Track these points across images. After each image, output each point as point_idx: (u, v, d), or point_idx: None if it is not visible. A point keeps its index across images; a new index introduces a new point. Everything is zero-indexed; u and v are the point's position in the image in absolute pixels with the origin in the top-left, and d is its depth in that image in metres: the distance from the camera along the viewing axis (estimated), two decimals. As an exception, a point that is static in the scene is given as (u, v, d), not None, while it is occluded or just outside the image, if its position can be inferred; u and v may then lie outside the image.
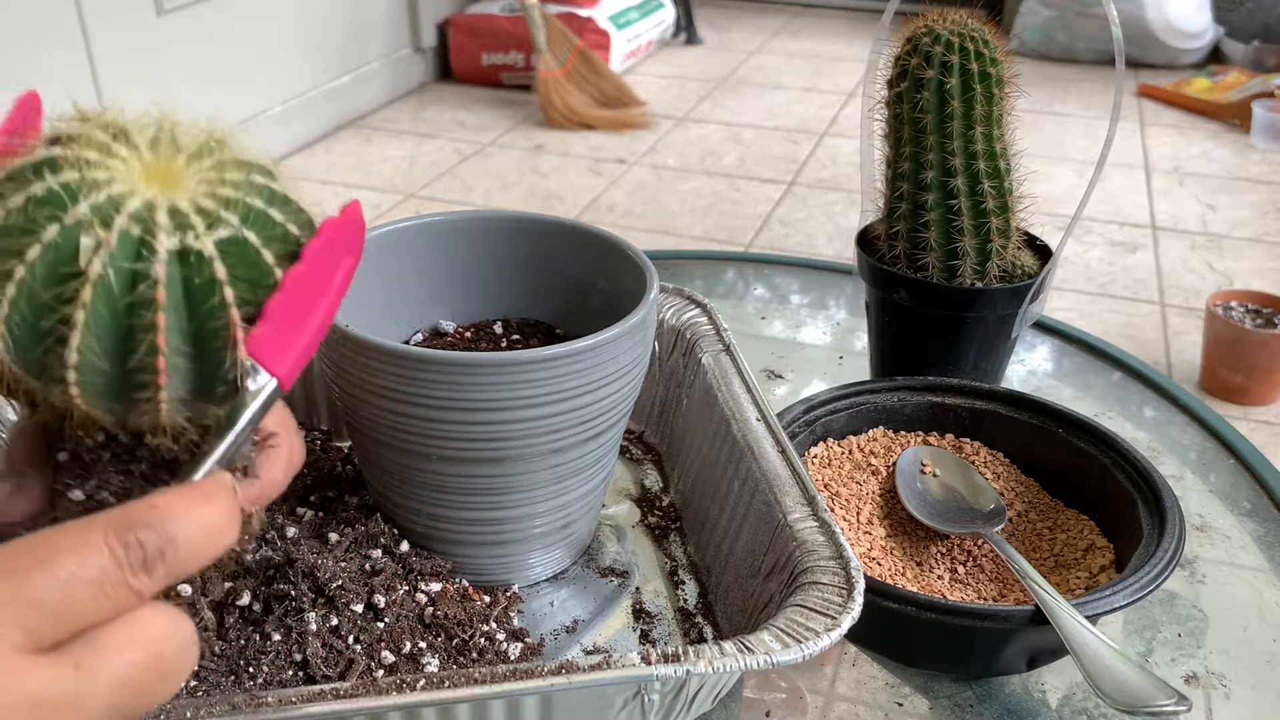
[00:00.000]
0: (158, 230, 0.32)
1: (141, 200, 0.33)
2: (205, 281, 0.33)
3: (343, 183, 2.51)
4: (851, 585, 0.44)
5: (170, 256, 0.32)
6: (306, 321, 0.35)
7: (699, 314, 0.65)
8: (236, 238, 0.33)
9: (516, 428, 0.48)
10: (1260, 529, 0.65)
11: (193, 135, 0.36)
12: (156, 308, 0.32)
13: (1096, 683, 0.46)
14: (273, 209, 0.35)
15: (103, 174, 0.33)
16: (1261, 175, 2.61)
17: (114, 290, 0.32)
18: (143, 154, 0.34)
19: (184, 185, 0.34)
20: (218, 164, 0.35)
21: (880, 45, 0.68)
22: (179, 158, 0.35)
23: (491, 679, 0.39)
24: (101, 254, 0.32)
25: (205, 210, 0.33)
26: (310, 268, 0.35)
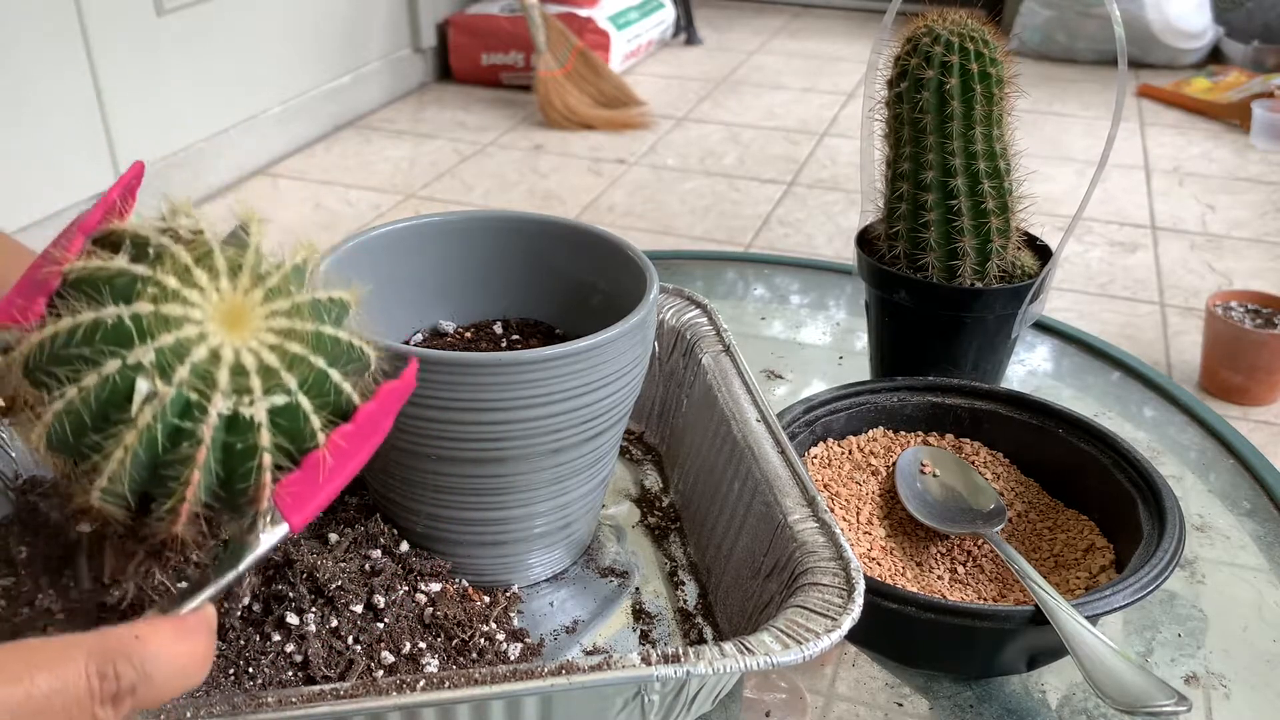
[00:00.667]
0: (214, 391, 0.33)
1: (207, 350, 0.33)
2: (248, 447, 0.34)
3: (342, 183, 2.51)
4: (852, 586, 0.44)
5: (219, 421, 0.33)
6: (336, 478, 0.35)
7: (699, 315, 0.65)
8: (290, 405, 0.34)
9: (516, 428, 0.48)
10: (1260, 529, 0.65)
11: (275, 265, 0.37)
12: (194, 465, 0.33)
13: (1096, 683, 0.46)
14: (334, 368, 0.36)
15: (176, 309, 0.33)
16: (1261, 175, 2.61)
17: (157, 441, 0.33)
18: (221, 285, 0.35)
19: (254, 327, 0.35)
20: (294, 307, 0.36)
21: (880, 45, 0.68)
22: (256, 293, 0.35)
23: (491, 679, 0.39)
24: (153, 405, 0.32)
25: (268, 369, 0.34)
26: (356, 430, 0.36)
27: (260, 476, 0.34)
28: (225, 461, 0.34)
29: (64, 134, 2.01)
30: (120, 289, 0.34)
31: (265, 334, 0.35)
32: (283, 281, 0.36)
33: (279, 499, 0.34)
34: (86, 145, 2.07)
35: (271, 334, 0.35)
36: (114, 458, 0.32)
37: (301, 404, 0.34)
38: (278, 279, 0.36)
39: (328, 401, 0.36)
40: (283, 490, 0.34)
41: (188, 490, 0.33)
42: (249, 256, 0.36)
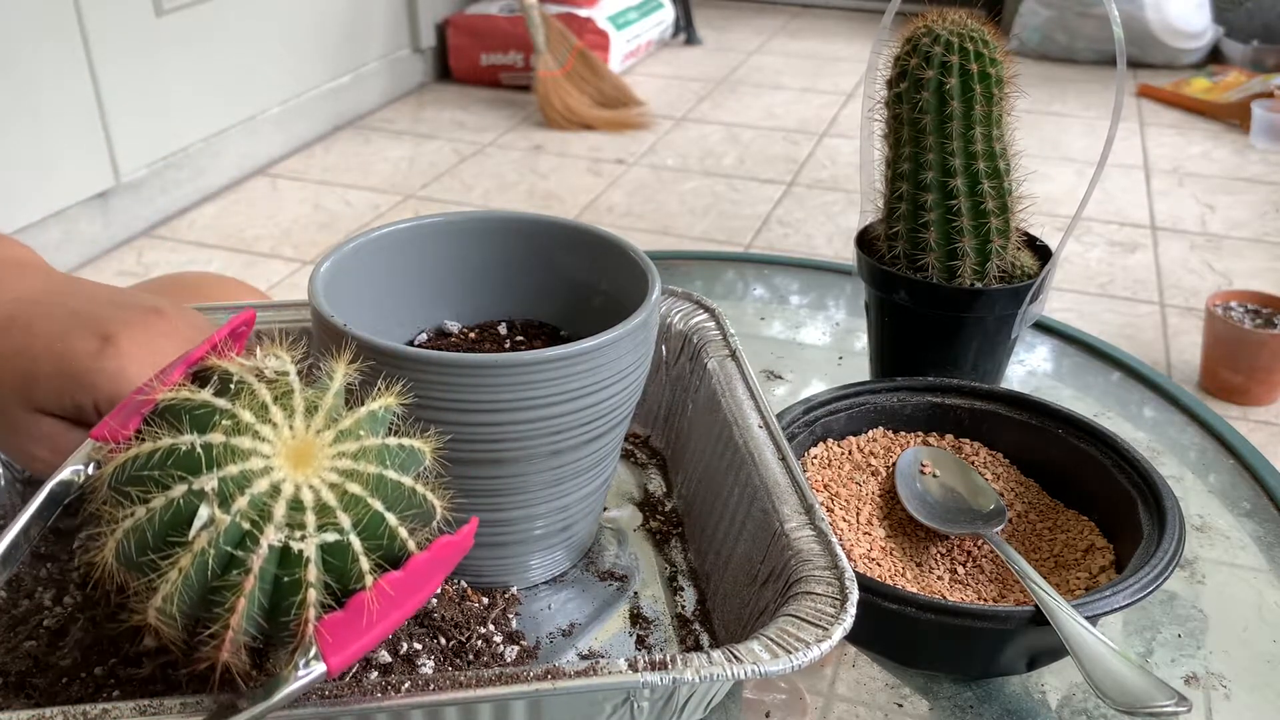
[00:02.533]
0: (268, 523, 0.35)
1: (269, 483, 0.35)
2: (294, 581, 0.35)
3: (341, 183, 2.51)
4: (845, 596, 0.44)
5: (271, 552, 0.35)
6: (380, 624, 0.36)
7: (706, 318, 0.65)
8: (341, 543, 0.36)
9: (516, 429, 0.48)
10: (1260, 529, 0.64)
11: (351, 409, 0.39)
12: (240, 593, 0.34)
13: (1096, 683, 0.46)
14: (391, 512, 0.37)
15: (246, 442, 0.36)
16: (1261, 175, 2.61)
17: (209, 564, 0.35)
18: (295, 423, 0.37)
19: (319, 465, 0.37)
20: (362, 450, 0.38)
21: (880, 45, 0.68)
22: (327, 434, 0.37)
23: (478, 683, 0.39)
24: (210, 532, 0.34)
25: (324, 506, 0.36)
26: (406, 578, 0.36)
27: (303, 611, 0.35)
28: (272, 594, 0.35)
29: (63, 134, 2.01)
30: (199, 419, 0.37)
31: (328, 473, 0.37)
32: (354, 425, 0.38)
33: (320, 637, 0.35)
34: (85, 145, 2.07)
35: (334, 473, 0.37)
36: (169, 578, 0.34)
37: (352, 544, 0.35)
38: (351, 422, 0.38)
39: (380, 545, 0.37)
40: (324, 629, 0.35)
41: (232, 618, 0.34)
42: (326, 399, 0.38)
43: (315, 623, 0.35)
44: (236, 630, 0.35)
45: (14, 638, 0.47)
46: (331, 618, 0.35)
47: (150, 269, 2.12)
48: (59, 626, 0.48)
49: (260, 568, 0.34)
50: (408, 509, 0.38)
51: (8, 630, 0.48)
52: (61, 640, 0.47)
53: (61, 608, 0.49)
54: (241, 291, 0.77)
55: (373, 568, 0.36)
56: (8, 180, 1.92)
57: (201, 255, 2.17)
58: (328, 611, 0.35)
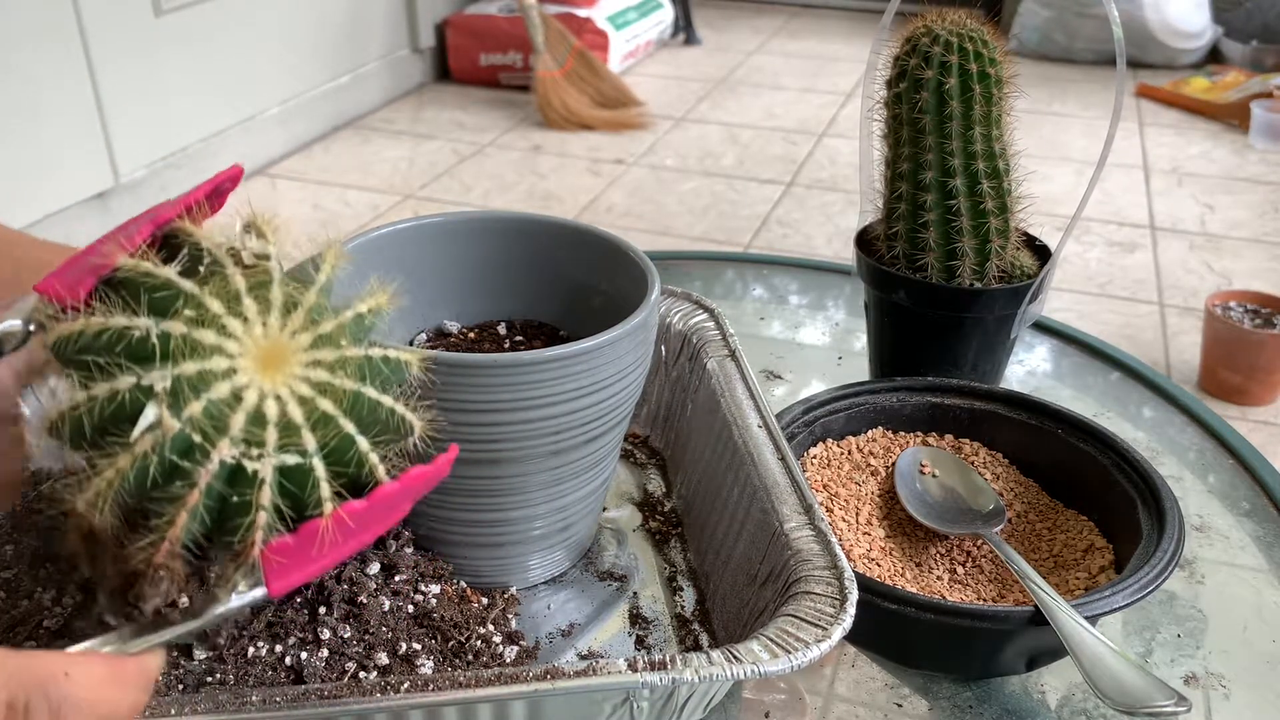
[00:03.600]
0: (222, 436, 0.31)
1: (229, 388, 0.31)
2: (244, 502, 0.31)
3: (340, 183, 2.51)
4: (844, 596, 0.44)
5: (221, 468, 0.31)
6: (333, 553, 0.33)
7: (706, 319, 0.65)
8: (302, 467, 0.32)
9: (516, 429, 0.48)
10: (1259, 529, 0.64)
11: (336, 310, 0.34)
12: (182, 507, 0.31)
13: (1096, 683, 0.46)
14: (365, 435, 0.33)
15: (209, 337, 0.31)
16: (1260, 175, 2.61)
17: (150, 471, 0.31)
18: (269, 320, 0.33)
19: (290, 373, 0.32)
20: (341, 360, 0.33)
21: (879, 45, 0.68)
22: (304, 336, 0.33)
23: (477, 683, 0.39)
24: (154, 435, 0.30)
25: (289, 424, 0.32)
26: (368, 508, 0.33)
27: (250, 534, 0.31)
28: (219, 510, 0.32)
29: (62, 134, 2.01)
30: (159, 302, 0.32)
31: (299, 384, 0.32)
32: (338, 330, 0.34)
33: (265, 560, 0.32)
34: (85, 145, 2.07)
35: (306, 385, 0.33)
36: (103, 476, 0.31)
37: (315, 469, 0.32)
38: (333, 326, 0.34)
39: (347, 471, 0.33)
40: (271, 553, 0.32)
41: (171, 530, 0.31)
42: (308, 296, 0.34)
43: (262, 546, 0.32)
44: (174, 542, 0.31)
45: (14, 638, 0.47)
46: (280, 542, 0.32)
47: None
48: (59, 627, 0.48)
49: (208, 484, 0.31)
50: (383, 431, 0.34)
51: (7, 630, 0.48)
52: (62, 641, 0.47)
53: (61, 608, 0.49)
54: None
55: (334, 494, 0.32)
56: (7, 180, 1.92)
57: (201, 255, 2.17)
58: (278, 535, 0.32)
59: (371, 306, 0.35)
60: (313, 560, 0.32)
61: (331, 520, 0.32)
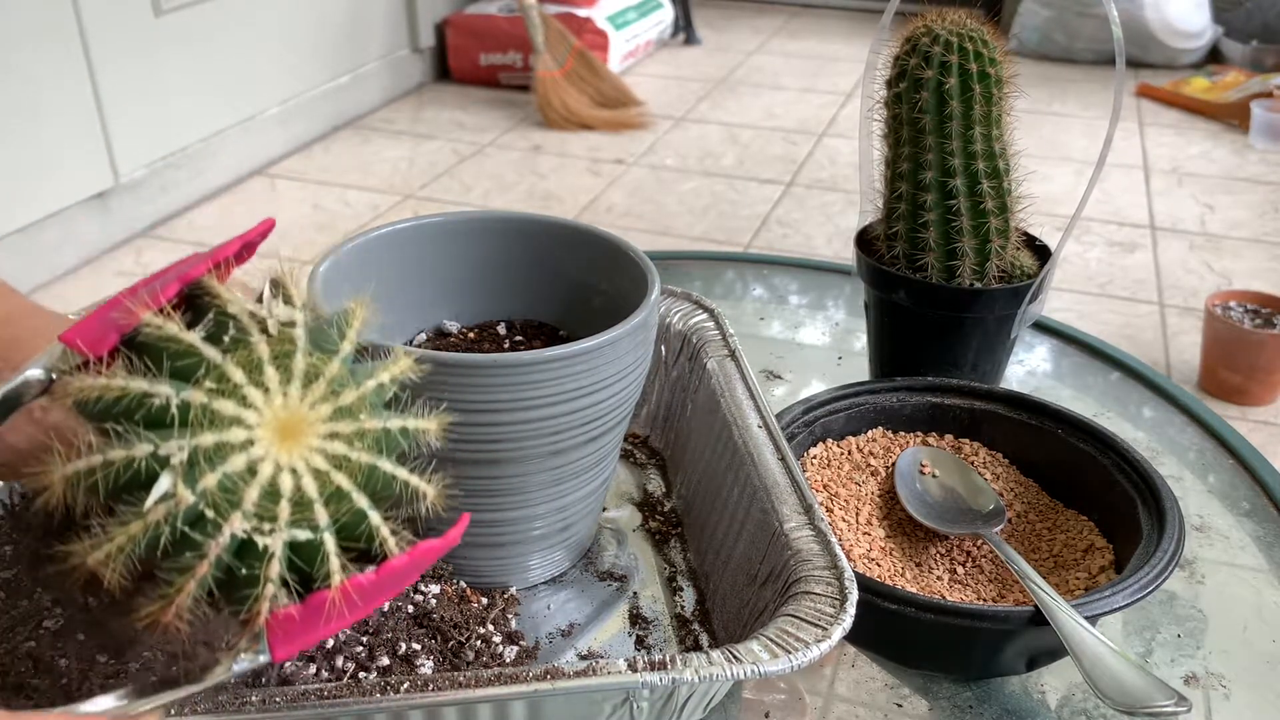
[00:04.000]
0: (234, 510, 0.31)
1: (245, 461, 0.31)
2: (252, 575, 0.31)
3: (340, 183, 2.51)
4: (844, 596, 0.44)
5: (230, 543, 0.31)
6: (336, 623, 0.33)
7: (706, 319, 0.65)
8: (312, 543, 0.32)
9: (516, 429, 0.48)
10: (1259, 529, 0.64)
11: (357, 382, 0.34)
12: (191, 576, 0.31)
13: (1096, 683, 0.46)
14: (376, 510, 0.33)
15: (229, 408, 0.32)
16: (1260, 175, 2.61)
17: (161, 540, 0.31)
18: (290, 391, 0.33)
19: (308, 445, 0.32)
20: (359, 433, 0.33)
21: (879, 45, 0.68)
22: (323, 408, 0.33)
23: (477, 683, 0.39)
24: (168, 506, 0.31)
25: (302, 499, 0.32)
26: (375, 582, 0.33)
27: (256, 605, 0.32)
28: (226, 581, 0.32)
29: (61, 134, 2.00)
30: (181, 369, 0.32)
31: (315, 456, 0.33)
32: (358, 402, 0.34)
33: (270, 628, 0.32)
34: (84, 146, 2.07)
35: (322, 458, 0.33)
36: (115, 541, 0.31)
37: (325, 544, 0.32)
38: (353, 399, 0.34)
39: (357, 545, 0.33)
40: (276, 621, 0.32)
41: (178, 596, 0.31)
42: (331, 366, 0.34)
43: (268, 615, 0.32)
44: (180, 608, 0.31)
45: (14, 638, 0.47)
46: (286, 612, 0.32)
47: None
48: (59, 628, 0.48)
49: (217, 556, 0.31)
50: (398, 504, 0.35)
51: (7, 631, 0.48)
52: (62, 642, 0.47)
53: (62, 610, 0.49)
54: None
55: (343, 566, 0.33)
56: (6, 180, 1.92)
57: (200, 255, 2.17)
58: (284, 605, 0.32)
59: (393, 375, 0.35)
60: (317, 629, 0.32)
61: (339, 593, 0.32)
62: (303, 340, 0.34)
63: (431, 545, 0.34)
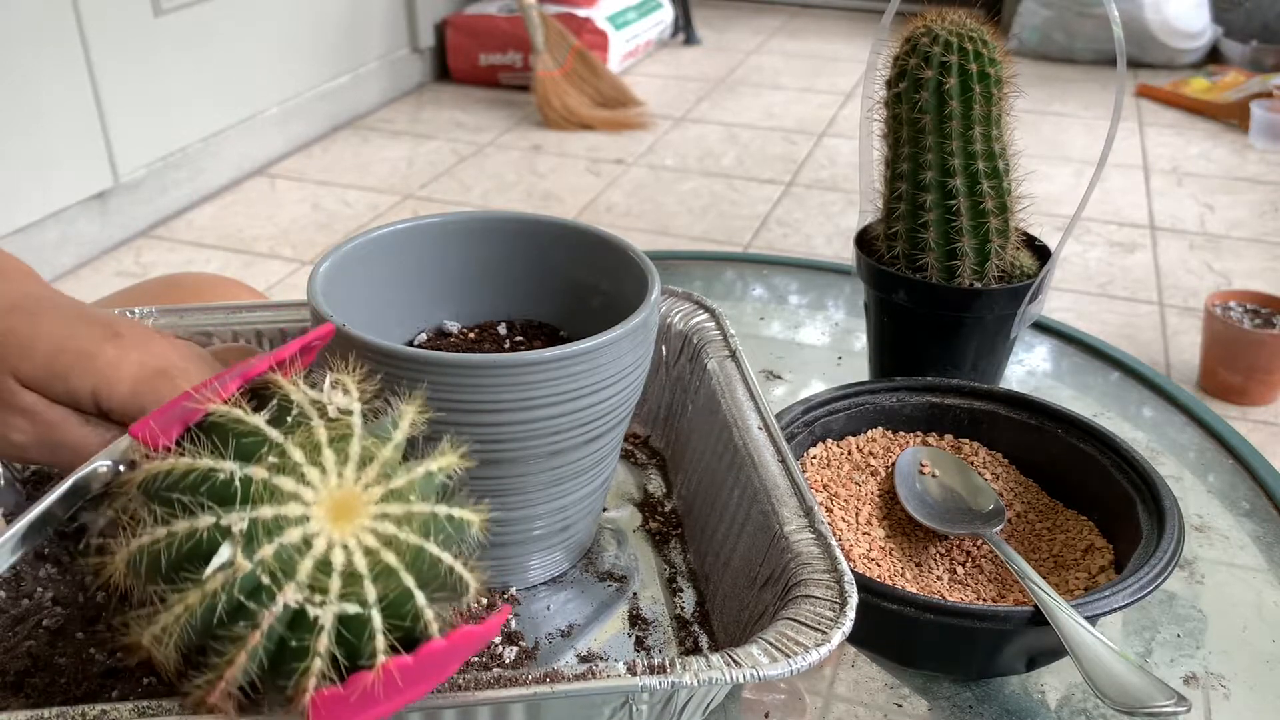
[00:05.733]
0: (289, 580, 0.32)
1: (301, 535, 0.33)
2: (301, 647, 0.32)
3: (340, 183, 2.51)
4: (844, 599, 0.44)
5: (283, 612, 0.32)
6: (377, 706, 0.33)
7: (707, 319, 0.65)
8: (360, 617, 0.33)
9: (516, 429, 0.48)
10: (1259, 529, 0.64)
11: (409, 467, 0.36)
12: (243, 646, 0.32)
13: (1096, 683, 0.46)
14: (422, 590, 0.34)
15: (288, 484, 0.33)
16: (1260, 175, 2.61)
17: (217, 610, 0.32)
18: (345, 473, 0.34)
19: (360, 524, 0.34)
20: (408, 516, 0.35)
21: (879, 45, 0.68)
22: (375, 490, 0.35)
23: (476, 685, 0.39)
24: (226, 574, 0.32)
25: (353, 573, 0.33)
26: (415, 665, 0.33)
27: (304, 680, 0.32)
28: (276, 653, 0.33)
29: (61, 134, 2.01)
30: (245, 447, 0.34)
31: (366, 535, 0.34)
32: (408, 486, 0.35)
33: (313, 707, 0.32)
34: (84, 146, 2.07)
35: (373, 536, 0.34)
36: (174, 611, 0.32)
37: (372, 619, 0.33)
38: (404, 482, 0.35)
39: (402, 624, 0.34)
40: (319, 700, 0.32)
41: (229, 670, 0.32)
42: (384, 451, 0.36)
43: (312, 693, 0.32)
44: (230, 682, 0.33)
45: (13, 637, 0.47)
46: (330, 692, 0.32)
47: (149, 269, 2.12)
48: (59, 626, 0.48)
49: (269, 626, 0.32)
50: (441, 588, 0.36)
51: (7, 630, 0.48)
52: (61, 640, 0.47)
53: (61, 608, 0.49)
54: (240, 292, 0.77)
55: (387, 648, 0.33)
56: (6, 180, 1.92)
57: (200, 255, 2.17)
58: (329, 684, 0.33)
59: (442, 465, 0.37)
60: (358, 713, 0.33)
61: (380, 673, 0.32)
62: (359, 426, 0.36)
63: (471, 631, 0.34)
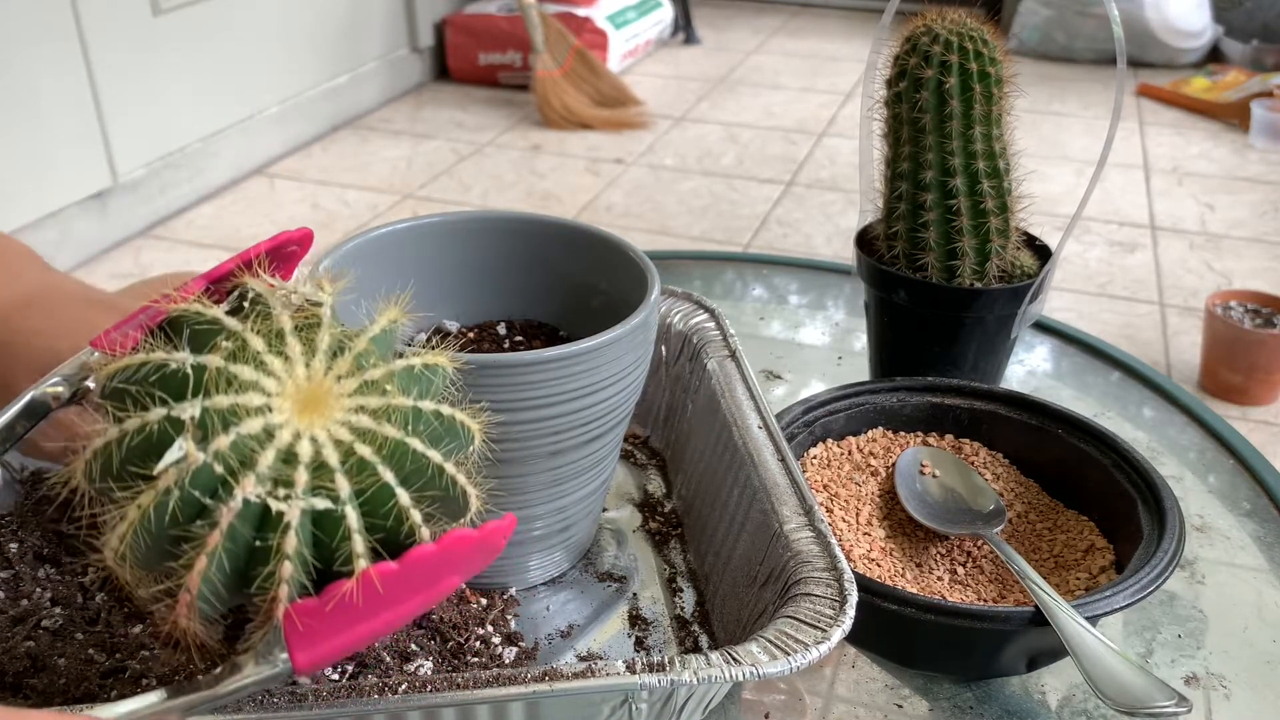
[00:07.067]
0: (248, 472, 0.29)
1: (262, 425, 0.29)
2: (265, 548, 0.29)
3: (339, 183, 2.51)
4: (844, 598, 0.44)
5: (246, 508, 0.29)
6: (361, 623, 0.30)
7: (707, 319, 0.65)
8: (332, 515, 0.29)
9: (515, 430, 0.48)
10: (1260, 529, 0.64)
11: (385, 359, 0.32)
12: (202, 548, 0.29)
13: (1096, 684, 0.46)
14: (405, 489, 0.31)
15: (247, 372, 0.30)
16: (1260, 175, 2.61)
17: (170, 507, 0.29)
18: (313, 363, 0.31)
19: (331, 417, 0.30)
20: (387, 409, 0.31)
21: (879, 45, 0.67)
22: (349, 382, 0.31)
23: (475, 684, 0.39)
24: (178, 470, 0.28)
25: (321, 465, 0.29)
26: (400, 572, 0.30)
27: (272, 586, 0.29)
28: (246, 560, 0.29)
29: (59, 134, 2.00)
30: (200, 336, 0.31)
31: (338, 428, 0.30)
32: (385, 377, 0.32)
33: (289, 624, 0.29)
34: (82, 145, 2.07)
35: (346, 429, 0.30)
36: (127, 515, 0.29)
37: (347, 517, 0.29)
38: (381, 373, 0.32)
39: (384, 526, 0.30)
40: (296, 613, 0.29)
41: (190, 576, 0.29)
42: (358, 342, 0.32)
43: (286, 605, 0.29)
44: (193, 591, 0.29)
45: (12, 638, 0.47)
46: (305, 603, 0.29)
47: (148, 269, 2.12)
48: (58, 627, 0.48)
49: (230, 524, 0.28)
50: (428, 489, 0.32)
51: (6, 630, 0.48)
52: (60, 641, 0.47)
53: (60, 609, 0.49)
54: None
55: (367, 552, 0.30)
56: (4, 180, 1.91)
57: (199, 255, 2.17)
58: (307, 595, 0.29)
59: (428, 362, 0.33)
60: (339, 630, 0.29)
61: (359, 581, 0.29)
62: (329, 316, 0.33)
63: (464, 535, 0.30)
